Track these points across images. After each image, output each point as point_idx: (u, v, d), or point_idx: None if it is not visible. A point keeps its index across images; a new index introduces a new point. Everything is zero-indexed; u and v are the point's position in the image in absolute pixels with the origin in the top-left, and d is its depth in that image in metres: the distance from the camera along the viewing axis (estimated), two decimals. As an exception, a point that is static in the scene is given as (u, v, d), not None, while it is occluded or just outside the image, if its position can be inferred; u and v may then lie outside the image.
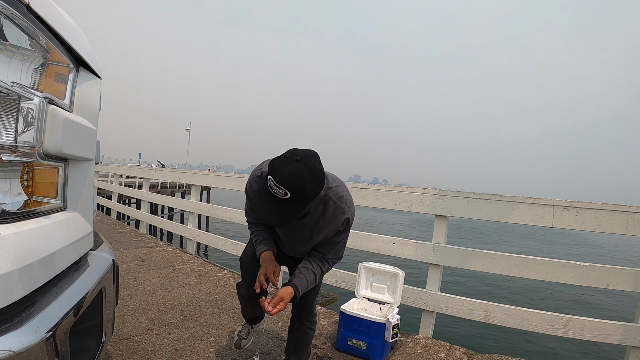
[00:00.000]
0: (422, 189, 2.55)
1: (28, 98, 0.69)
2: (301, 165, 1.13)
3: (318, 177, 1.17)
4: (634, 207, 1.99)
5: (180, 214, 17.83)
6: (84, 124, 0.95)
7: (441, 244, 2.47)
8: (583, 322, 2.10)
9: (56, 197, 0.87)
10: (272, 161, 1.17)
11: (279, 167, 1.13)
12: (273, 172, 1.13)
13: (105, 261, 1.06)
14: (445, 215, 2.46)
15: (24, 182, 0.73)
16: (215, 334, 2.17)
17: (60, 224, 0.83)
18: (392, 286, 2.26)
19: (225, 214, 4.04)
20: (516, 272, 2.24)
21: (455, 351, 2.22)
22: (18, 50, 0.70)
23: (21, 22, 0.68)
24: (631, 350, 2.03)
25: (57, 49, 0.82)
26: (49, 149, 0.76)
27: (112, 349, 1.88)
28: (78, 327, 0.77)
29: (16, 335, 0.58)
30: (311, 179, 1.14)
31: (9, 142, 0.66)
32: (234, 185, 4.05)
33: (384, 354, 2.04)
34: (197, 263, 3.80)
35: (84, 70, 1.00)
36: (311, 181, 1.14)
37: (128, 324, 2.20)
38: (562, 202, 2.14)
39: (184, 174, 5.25)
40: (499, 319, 2.28)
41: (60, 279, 0.81)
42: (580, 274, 2.10)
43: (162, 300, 2.64)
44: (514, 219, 2.27)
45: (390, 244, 2.63)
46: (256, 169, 1.45)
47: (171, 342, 2.02)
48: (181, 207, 5.46)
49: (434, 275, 2.51)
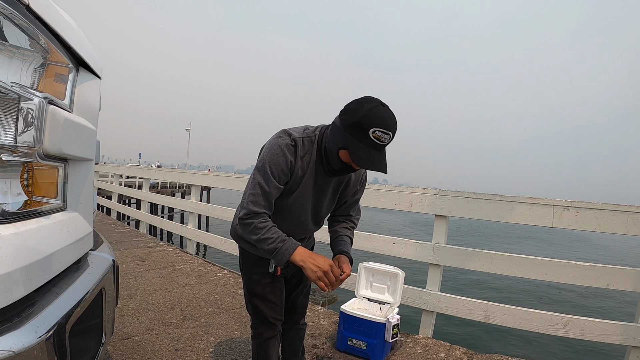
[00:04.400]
0: (422, 189, 2.55)
1: (28, 98, 0.69)
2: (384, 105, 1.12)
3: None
4: (634, 207, 1.99)
5: (180, 214, 17.84)
6: (84, 124, 0.95)
7: (441, 244, 2.47)
8: (583, 322, 2.10)
9: (56, 197, 0.87)
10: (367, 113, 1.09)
11: (380, 115, 1.09)
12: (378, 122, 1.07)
13: (105, 261, 1.06)
14: (445, 215, 2.47)
15: (24, 182, 0.73)
16: (215, 334, 2.17)
17: (60, 224, 0.83)
18: (392, 286, 2.26)
19: (225, 214, 4.04)
20: (516, 272, 2.24)
21: (455, 351, 2.22)
22: (18, 50, 0.70)
23: (21, 22, 0.68)
24: (631, 350, 2.03)
25: (57, 49, 0.82)
26: (49, 149, 0.76)
27: (112, 349, 1.88)
28: (78, 327, 0.77)
29: (16, 335, 0.58)
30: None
31: (9, 142, 0.66)
32: (234, 185, 4.05)
33: (384, 354, 2.04)
34: (197, 263, 3.80)
35: (83, 70, 1.00)
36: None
37: (128, 324, 2.20)
38: (562, 202, 2.14)
39: (184, 174, 5.26)
40: (499, 319, 2.28)
41: (60, 279, 0.81)
42: (580, 274, 2.10)
43: (162, 300, 2.64)
44: (514, 219, 2.27)
45: (390, 244, 2.63)
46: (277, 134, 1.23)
47: (171, 342, 2.02)
48: (181, 207, 5.46)
49: (434, 275, 2.51)
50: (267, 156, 1.20)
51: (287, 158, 1.18)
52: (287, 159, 1.19)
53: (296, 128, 1.25)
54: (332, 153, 1.18)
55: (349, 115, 1.13)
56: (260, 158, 1.23)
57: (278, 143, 1.19)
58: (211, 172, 5.42)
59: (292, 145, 1.20)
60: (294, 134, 1.21)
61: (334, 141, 1.17)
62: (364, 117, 1.09)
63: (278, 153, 1.18)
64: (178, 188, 24.54)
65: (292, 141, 1.20)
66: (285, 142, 1.19)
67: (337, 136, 1.16)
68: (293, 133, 1.21)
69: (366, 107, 1.10)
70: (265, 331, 1.41)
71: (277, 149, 1.18)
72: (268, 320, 1.40)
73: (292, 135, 1.20)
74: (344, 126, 1.14)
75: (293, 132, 1.22)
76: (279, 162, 1.18)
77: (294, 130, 1.23)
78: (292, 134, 1.21)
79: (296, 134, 1.21)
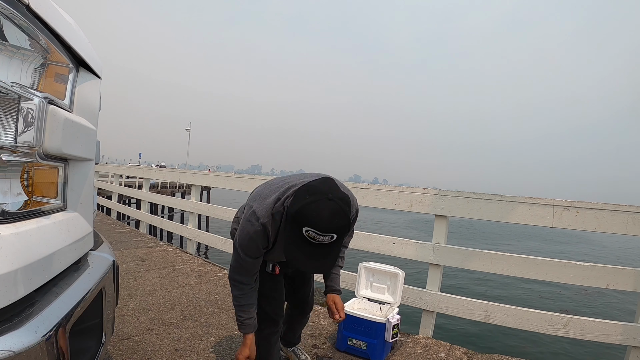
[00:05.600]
0: (422, 189, 2.55)
1: (28, 98, 0.69)
2: (336, 203, 1.04)
3: (349, 203, 1.10)
4: (634, 207, 1.99)
5: (180, 214, 17.83)
6: (84, 124, 0.95)
7: (441, 244, 2.47)
8: (583, 322, 2.10)
9: (56, 197, 0.87)
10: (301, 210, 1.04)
11: (316, 214, 1.02)
12: (311, 221, 1.02)
13: (105, 261, 1.06)
14: (445, 215, 2.47)
15: (24, 182, 0.73)
16: (215, 334, 2.17)
17: (60, 224, 0.83)
18: (392, 286, 2.26)
19: (225, 214, 4.04)
20: (516, 272, 2.24)
21: (455, 351, 2.22)
22: (18, 50, 0.70)
23: (21, 22, 0.68)
24: (631, 350, 2.03)
25: (57, 49, 0.82)
26: (49, 149, 0.76)
27: (112, 349, 1.88)
28: (78, 327, 0.77)
29: (16, 335, 0.58)
30: (347, 209, 1.07)
31: (9, 142, 0.66)
32: (234, 185, 4.05)
33: (384, 354, 2.04)
34: (197, 263, 3.80)
35: (84, 70, 1.00)
36: (349, 211, 1.08)
37: (128, 324, 2.20)
38: (562, 202, 2.14)
39: (184, 174, 5.26)
40: (499, 319, 2.28)
41: (60, 279, 0.81)
42: (580, 274, 2.10)
43: (162, 300, 2.64)
44: (514, 219, 2.27)
45: (390, 244, 2.63)
46: (248, 216, 1.26)
47: (171, 342, 2.02)
48: (181, 207, 5.46)
49: (434, 275, 2.51)
50: (239, 242, 1.28)
51: (258, 244, 1.26)
52: (258, 245, 1.26)
53: (266, 202, 1.25)
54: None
55: (290, 204, 1.13)
56: (236, 240, 1.31)
57: (247, 230, 1.25)
58: (211, 172, 5.42)
59: (261, 230, 1.24)
60: (261, 218, 1.23)
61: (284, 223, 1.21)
62: (297, 213, 1.05)
63: (249, 241, 1.26)
64: (178, 188, 24.53)
65: (260, 226, 1.23)
66: (254, 230, 1.24)
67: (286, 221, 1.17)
68: (261, 217, 1.23)
69: (304, 201, 1.05)
70: (267, 327, 1.48)
71: (246, 238, 1.26)
72: (270, 316, 1.48)
73: (260, 220, 1.23)
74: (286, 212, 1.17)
75: (261, 215, 1.23)
76: (250, 247, 1.27)
77: (263, 207, 1.24)
78: (260, 218, 1.23)
79: (264, 214, 1.23)
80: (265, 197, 1.27)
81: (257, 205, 1.25)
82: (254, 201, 1.29)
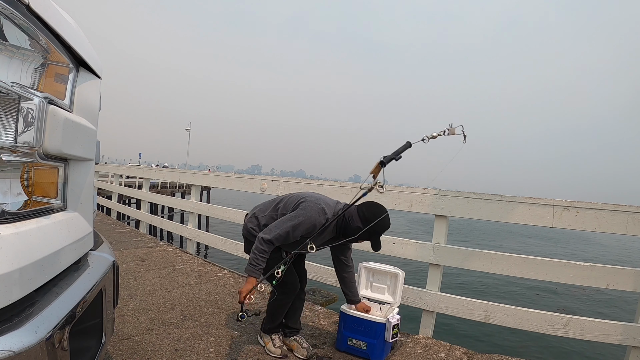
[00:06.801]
0: (422, 189, 2.55)
1: (28, 98, 0.70)
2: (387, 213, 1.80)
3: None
4: (634, 207, 1.99)
5: (180, 214, 17.83)
6: (84, 124, 0.95)
7: (441, 244, 2.47)
8: (583, 322, 2.10)
9: (56, 197, 0.87)
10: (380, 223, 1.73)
11: (386, 224, 1.78)
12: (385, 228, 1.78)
13: (105, 261, 1.06)
14: (445, 215, 2.47)
15: (24, 182, 0.73)
16: (215, 334, 2.17)
17: (60, 224, 0.83)
18: (392, 286, 2.26)
19: (225, 214, 4.04)
20: (516, 272, 2.24)
21: (455, 351, 2.22)
22: (18, 50, 0.70)
23: (21, 22, 0.68)
24: (631, 350, 2.03)
25: (57, 49, 0.82)
26: (49, 149, 0.76)
27: (112, 349, 1.88)
28: (78, 327, 0.77)
29: (16, 335, 0.58)
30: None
31: (9, 142, 0.66)
32: (234, 185, 4.05)
33: (384, 354, 2.04)
34: (197, 263, 3.80)
35: (84, 70, 1.00)
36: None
37: (128, 324, 2.20)
38: (562, 202, 2.14)
39: (184, 174, 5.26)
40: (499, 319, 2.28)
41: (60, 279, 0.81)
42: (580, 274, 2.10)
43: (162, 300, 2.64)
44: (514, 219, 2.27)
45: (390, 244, 2.63)
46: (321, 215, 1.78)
47: (171, 342, 2.02)
48: (181, 207, 5.46)
49: (434, 275, 2.51)
50: (298, 220, 1.74)
51: (309, 230, 1.75)
52: (310, 230, 1.75)
53: (329, 205, 1.84)
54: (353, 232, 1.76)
55: (370, 222, 1.73)
56: (300, 213, 1.76)
57: (314, 218, 1.75)
58: (211, 172, 5.42)
59: (323, 222, 1.76)
60: (329, 214, 1.79)
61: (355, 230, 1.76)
62: (377, 225, 1.73)
63: (308, 225, 1.74)
64: (178, 188, 24.52)
65: (325, 219, 1.78)
66: (319, 221, 1.76)
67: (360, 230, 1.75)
68: (328, 213, 1.79)
69: (378, 219, 1.73)
70: (285, 296, 1.90)
71: (308, 221, 1.74)
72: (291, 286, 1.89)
73: (326, 215, 1.78)
74: (364, 226, 1.74)
75: (328, 212, 1.79)
76: (304, 229, 1.75)
77: (328, 208, 1.82)
78: (328, 214, 1.79)
79: (331, 214, 1.80)
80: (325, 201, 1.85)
81: (325, 206, 1.81)
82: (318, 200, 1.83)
